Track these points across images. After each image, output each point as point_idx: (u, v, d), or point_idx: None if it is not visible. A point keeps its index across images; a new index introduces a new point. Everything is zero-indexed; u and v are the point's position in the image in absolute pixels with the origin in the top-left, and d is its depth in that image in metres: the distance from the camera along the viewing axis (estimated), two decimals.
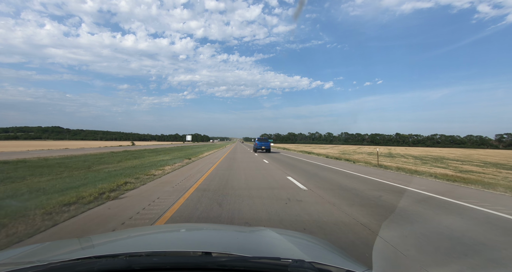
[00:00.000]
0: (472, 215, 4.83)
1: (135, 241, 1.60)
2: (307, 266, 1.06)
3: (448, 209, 5.22)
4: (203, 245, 1.43)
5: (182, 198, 5.62)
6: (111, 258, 1.11)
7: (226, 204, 5.22)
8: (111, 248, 1.41)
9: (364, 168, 14.23)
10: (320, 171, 11.87)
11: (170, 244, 1.55)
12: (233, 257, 1.16)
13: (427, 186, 8.09)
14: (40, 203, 4.75)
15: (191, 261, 1.13)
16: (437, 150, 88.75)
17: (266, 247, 1.50)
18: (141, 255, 1.16)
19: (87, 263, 1.05)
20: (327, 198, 5.96)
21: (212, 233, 1.89)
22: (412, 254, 2.96)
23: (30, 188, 6.38)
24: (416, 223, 4.23)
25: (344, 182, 8.64)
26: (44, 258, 1.16)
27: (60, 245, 1.55)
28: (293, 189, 7.10)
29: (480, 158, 38.17)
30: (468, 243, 3.37)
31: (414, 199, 6.10)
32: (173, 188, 6.82)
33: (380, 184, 8.30)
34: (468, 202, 5.93)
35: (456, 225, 4.18)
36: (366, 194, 6.53)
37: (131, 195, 6.00)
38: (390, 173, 12.00)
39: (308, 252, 1.44)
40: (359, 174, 11.08)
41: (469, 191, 7.58)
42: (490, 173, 16.59)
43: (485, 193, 7.23)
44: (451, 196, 6.51)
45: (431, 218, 4.54)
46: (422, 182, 9.16)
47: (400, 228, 3.99)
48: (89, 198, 5.22)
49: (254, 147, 31.03)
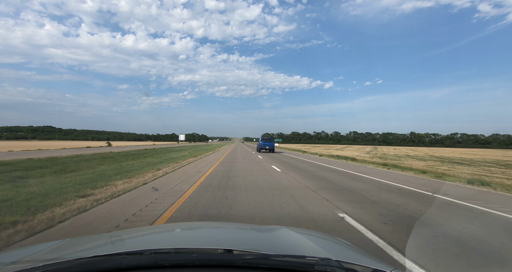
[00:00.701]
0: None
1: (161, 238, 1.63)
2: (335, 265, 1.03)
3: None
4: (224, 243, 1.42)
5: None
6: (138, 254, 1.10)
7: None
8: (139, 244, 1.43)
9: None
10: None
11: (193, 241, 1.56)
12: (257, 254, 1.12)
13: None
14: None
15: (215, 258, 1.13)
16: (470, 150, 78.81)
17: (287, 245, 1.44)
18: (169, 252, 1.15)
19: (116, 259, 1.05)
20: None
21: (232, 231, 1.88)
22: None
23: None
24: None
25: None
26: (73, 253, 1.18)
27: (88, 240, 1.57)
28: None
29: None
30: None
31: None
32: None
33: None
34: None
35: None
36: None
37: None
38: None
39: (331, 251, 1.41)
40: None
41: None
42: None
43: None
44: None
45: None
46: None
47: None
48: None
49: (258, 147, 30.17)
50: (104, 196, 5.52)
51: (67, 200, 5.12)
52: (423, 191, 7.18)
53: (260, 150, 29.68)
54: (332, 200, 5.71)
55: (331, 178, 9.47)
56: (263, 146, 28.76)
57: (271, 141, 29.53)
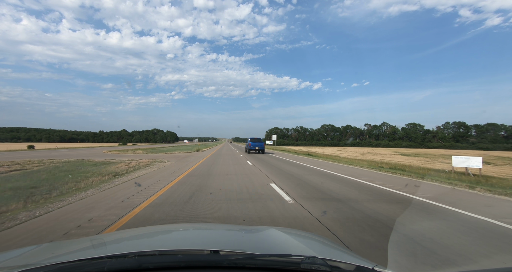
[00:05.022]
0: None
1: (145, 240, 1.59)
2: (320, 263, 1.05)
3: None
4: (210, 244, 1.41)
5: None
6: (121, 257, 1.07)
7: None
8: (122, 247, 1.38)
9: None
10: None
11: (178, 243, 1.53)
12: (243, 254, 1.13)
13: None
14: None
15: (201, 259, 1.12)
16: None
17: (273, 245, 1.47)
18: (154, 255, 1.12)
19: (97, 263, 1.02)
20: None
21: (218, 232, 1.86)
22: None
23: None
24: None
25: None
26: (52, 257, 1.14)
27: (68, 244, 1.51)
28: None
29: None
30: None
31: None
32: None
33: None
34: None
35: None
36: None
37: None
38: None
39: (316, 249, 1.44)
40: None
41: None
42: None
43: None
44: None
45: None
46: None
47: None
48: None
49: (247, 148, 28.96)
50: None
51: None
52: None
53: (249, 151, 28.37)
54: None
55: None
56: (253, 147, 27.49)
57: (261, 142, 28.27)
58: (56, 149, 40.09)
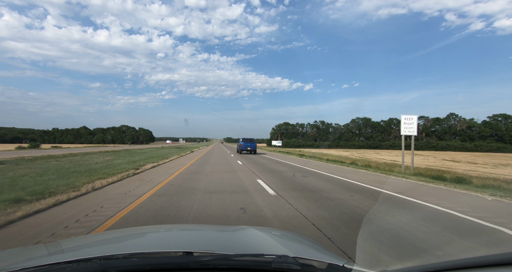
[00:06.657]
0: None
1: (111, 244, 1.53)
2: (291, 261, 1.06)
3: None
4: (184, 245, 1.38)
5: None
6: (83, 262, 1.02)
7: None
8: (85, 252, 1.29)
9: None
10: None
11: (149, 245, 1.50)
12: (216, 255, 1.12)
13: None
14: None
15: (172, 261, 1.09)
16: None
17: (249, 245, 1.47)
18: (118, 258, 1.08)
19: (58, 269, 0.98)
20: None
21: (194, 233, 1.84)
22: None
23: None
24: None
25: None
26: (4, 266, 1.05)
27: (23, 251, 1.45)
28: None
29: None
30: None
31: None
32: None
33: None
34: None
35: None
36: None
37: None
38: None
39: (291, 248, 1.45)
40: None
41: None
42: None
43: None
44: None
45: None
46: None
47: None
48: None
49: (238, 149, 28.60)
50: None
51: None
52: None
53: (241, 152, 27.72)
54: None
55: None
56: (245, 147, 27.02)
57: (253, 142, 27.74)
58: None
